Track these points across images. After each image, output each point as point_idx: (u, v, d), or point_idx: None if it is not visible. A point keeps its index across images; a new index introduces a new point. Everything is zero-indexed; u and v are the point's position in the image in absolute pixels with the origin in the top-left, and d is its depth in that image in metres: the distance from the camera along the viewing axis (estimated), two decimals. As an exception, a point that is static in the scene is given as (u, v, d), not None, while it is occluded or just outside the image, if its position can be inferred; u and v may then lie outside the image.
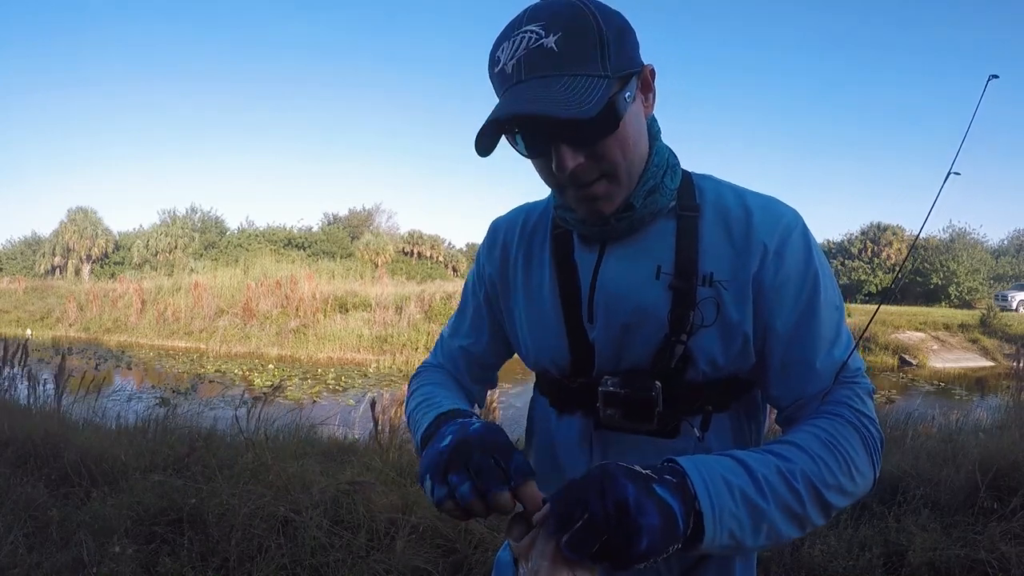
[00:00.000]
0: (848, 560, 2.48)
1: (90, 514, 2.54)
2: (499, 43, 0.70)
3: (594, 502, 0.56)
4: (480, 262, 0.96)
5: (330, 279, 19.66)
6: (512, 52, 0.68)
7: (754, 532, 0.63)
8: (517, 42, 0.67)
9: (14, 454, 3.13)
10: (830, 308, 0.76)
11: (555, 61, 0.66)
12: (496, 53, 0.70)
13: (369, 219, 37.93)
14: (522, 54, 0.67)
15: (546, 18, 0.67)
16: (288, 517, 2.48)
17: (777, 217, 0.77)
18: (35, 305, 19.70)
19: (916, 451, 3.49)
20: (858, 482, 0.70)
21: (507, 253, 0.91)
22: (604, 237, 0.80)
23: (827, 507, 0.67)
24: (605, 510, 0.56)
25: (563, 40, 0.66)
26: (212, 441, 3.59)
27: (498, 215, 0.97)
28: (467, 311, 0.98)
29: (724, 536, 0.61)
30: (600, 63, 0.67)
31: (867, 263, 29.56)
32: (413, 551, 2.38)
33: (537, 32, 0.66)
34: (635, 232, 0.79)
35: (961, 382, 12.05)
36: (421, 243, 33.61)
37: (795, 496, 0.65)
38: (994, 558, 2.35)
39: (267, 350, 14.72)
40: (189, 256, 30.65)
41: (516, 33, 0.68)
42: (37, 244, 34.26)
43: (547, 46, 0.66)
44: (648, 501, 0.56)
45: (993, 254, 30.80)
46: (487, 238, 0.96)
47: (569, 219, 0.81)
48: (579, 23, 0.67)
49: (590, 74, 0.66)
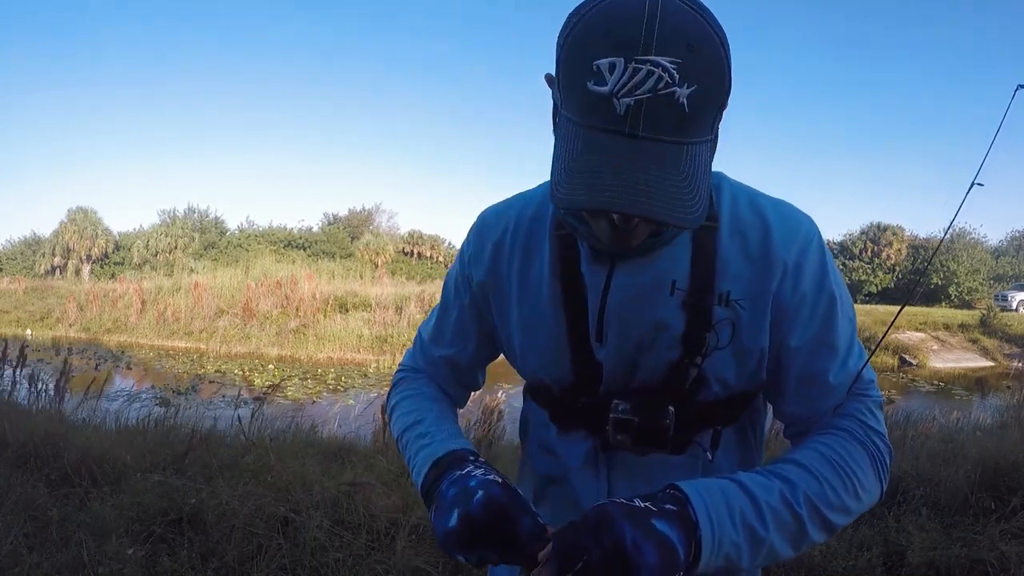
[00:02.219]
0: (848, 560, 2.48)
1: (90, 514, 2.54)
2: (606, 46, 0.53)
3: (592, 547, 0.57)
4: (465, 259, 0.84)
5: (330, 279, 19.67)
6: (630, 84, 0.52)
7: (752, 556, 0.63)
8: (642, 75, 0.52)
9: (14, 454, 3.12)
10: (845, 321, 0.73)
11: (681, 123, 0.54)
12: (597, 60, 0.53)
13: (369, 219, 37.94)
14: (646, 98, 0.52)
15: (685, 56, 0.52)
16: (288, 517, 2.48)
17: (795, 230, 0.71)
18: (35, 305, 19.70)
19: (916, 451, 3.49)
20: (863, 500, 0.69)
21: (500, 252, 0.80)
22: (616, 254, 0.71)
23: (829, 526, 0.67)
24: (604, 553, 0.56)
25: (696, 97, 0.53)
26: (212, 441, 3.59)
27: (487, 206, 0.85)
28: (449, 315, 0.88)
29: (720, 559, 0.62)
30: (711, 125, 0.57)
31: (867, 263, 29.57)
32: (413, 551, 2.38)
33: (671, 74, 0.52)
34: (651, 250, 0.71)
35: (961, 382, 12.06)
36: (421, 243, 33.63)
37: (796, 520, 0.65)
38: (994, 558, 2.36)
39: (267, 350, 14.72)
40: (189, 256, 30.65)
41: (643, 58, 0.52)
42: (37, 244, 34.26)
43: (679, 100, 0.53)
44: (646, 543, 0.56)
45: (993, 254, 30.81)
46: (474, 233, 0.83)
47: (581, 230, 0.70)
48: (717, 74, 0.55)
49: (702, 139, 0.57)
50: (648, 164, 0.54)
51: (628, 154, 0.54)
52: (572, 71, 0.56)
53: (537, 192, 0.82)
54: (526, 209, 0.80)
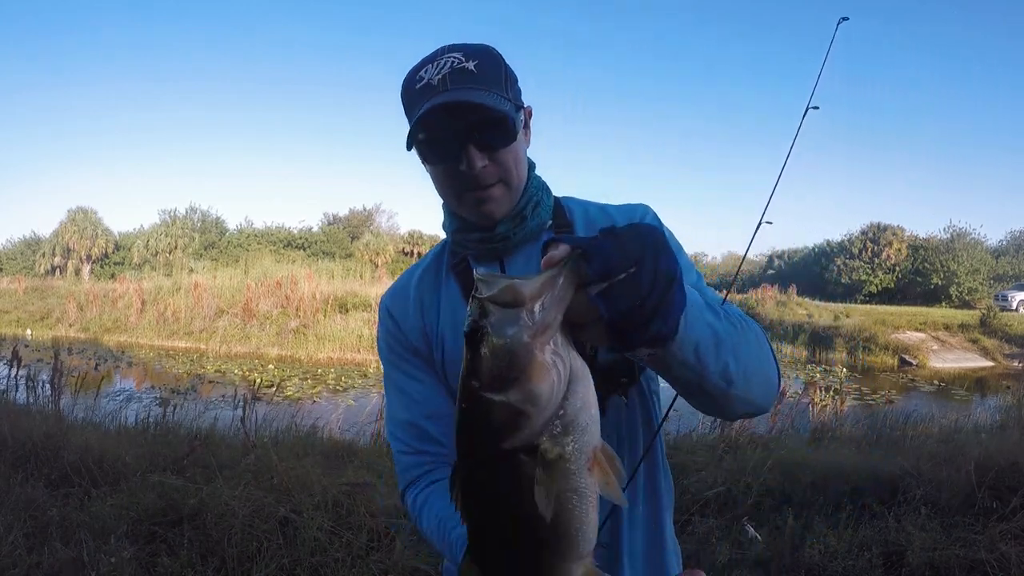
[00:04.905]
0: (848, 560, 2.48)
1: (90, 514, 2.54)
2: (421, 66, 0.84)
3: (648, 260, 0.53)
4: (392, 336, 0.96)
5: (330, 279, 19.65)
6: (437, 71, 0.82)
7: (715, 344, 0.65)
8: (442, 64, 0.82)
9: (13, 454, 3.12)
10: (684, 256, 0.89)
11: (475, 79, 0.82)
12: (418, 73, 0.84)
13: (369, 219, 37.94)
14: (447, 71, 0.81)
15: (465, 50, 0.84)
16: (288, 517, 2.48)
17: (632, 209, 0.94)
18: (35, 305, 19.70)
19: (916, 451, 3.49)
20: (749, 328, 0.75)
21: (419, 310, 0.95)
22: (501, 253, 0.91)
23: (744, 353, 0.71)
24: (656, 273, 0.53)
25: (480, 66, 0.82)
26: (212, 441, 3.59)
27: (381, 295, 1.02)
28: (407, 388, 0.94)
29: (698, 330, 0.63)
30: (505, 89, 0.84)
31: (867, 263, 29.54)
32: (413, 552, 2.38)
33: (459, 58, 0.82)
34: (524, 246, 0.91)
35: (961, 382, 12.05)
36: (421, 243, 33.59)
37: (731, 324, 0.71)
38: (994, 558, 2.35)
39: (267, 350, 14.72)
40: (189, 256, 30.64)
41: (439, 58, 0.83)
42: (37, 244, 34.26)
43: (468, 68, 0.82)
44: (681, 282, 0.56)
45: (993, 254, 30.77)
46: (385, 313, 0.98)
47: (466, 241, 0.92)
48: (491, 56, 0.85)
49: (500, 94, 0.83)
50: (460, 94, 0.80)
51: (446, 96, 0.80)
52: (407, 88, 0.86)
53: (425, 257, 1.01)
54: (416, 270, 1.00)
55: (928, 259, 28.49)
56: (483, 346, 0.51)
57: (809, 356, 16.22)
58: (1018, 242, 33.93)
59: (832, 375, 12.34)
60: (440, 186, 0.89)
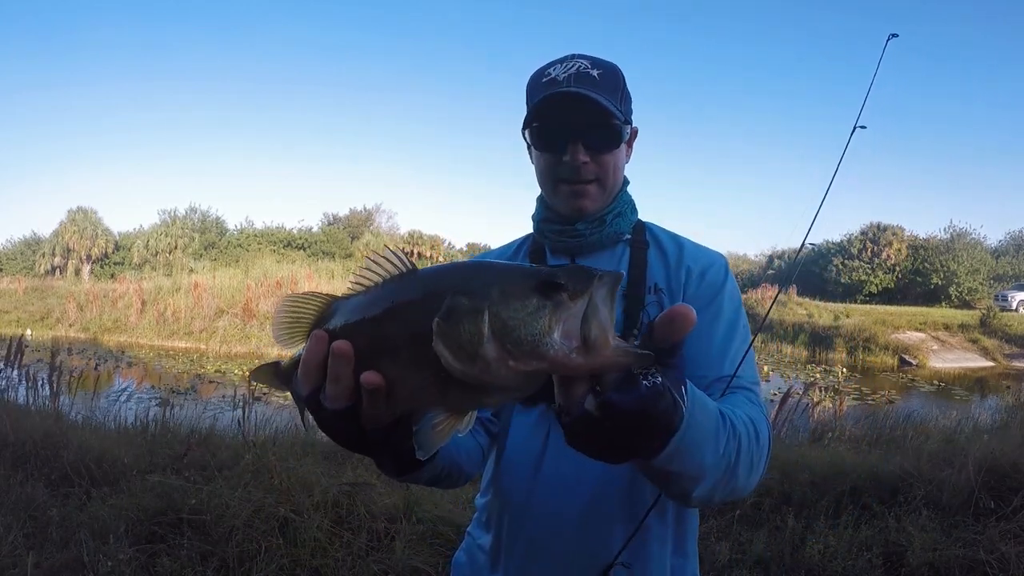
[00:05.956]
0: (848, 560, 2.48)
1: (90, 514, 2.53)
2: (550, 65, 0.95)
3: (643, 438, 0.54)
4: None
5: (330, 279, 19.64)
6: (565, 70, 0.93)
7: (715, 439, 0.64)
8: (570, 66, 0.93)
9: (13, 454, 3.12)
10: (727, 328, 0.92)
11: (596, 85, 0.92)
12: (547, 70, 0.95)
13: (369, 219, 37.92)
14: (574, 72, 0.92)
15: (593, 59, 0.95)
16: (288, 518, 2.48)
17: (706, 254, 1.00)
18: (35, 305, 19.68)
19: (916, 451, 3.49)
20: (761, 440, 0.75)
21: None
22: (574, 250, 0.99)
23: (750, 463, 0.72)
24: (638, 449, 0.54)
25: (603, 76, 0.93)
26: (212, 441, 3.58)
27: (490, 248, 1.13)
28: None
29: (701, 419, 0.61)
30: (620, 103, 0.94)
31: (867, 263, 29.53)
32: (413, 552, 2.38)
33: (586, 64, 0.93)
34: (599, 250, 0.99)
35: (961, 382, 12.05)
36: (421, 243, 33.59)
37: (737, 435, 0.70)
38: (994, 558, 2.35)
39: (267, 350, 14.70)
40: (189, 256, 30.63)
41: (569, 61, 0.94)
42: (37, 244, 34.25)
43: (592, 74, 0.93)
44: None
45: (993, 254, 30.75)
46: None
47: (547, 231, 1.00)
48: (614, 72, 0.96)
49: (615, 104, 0.92)
50: (584, 90, 0.90)
51: (571, 90, 0.90)
52: (534, 80, 0.96)
53: (508, 245, 1.10)
54: (491, 254, 1.11)
55: (928, 259, 28.48)
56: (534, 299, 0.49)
57: (809, 356, 16.23)
58: (1018, 242, 33.93)
59: (832, 375, 12.35)
60: (541, 174, 0.98)
